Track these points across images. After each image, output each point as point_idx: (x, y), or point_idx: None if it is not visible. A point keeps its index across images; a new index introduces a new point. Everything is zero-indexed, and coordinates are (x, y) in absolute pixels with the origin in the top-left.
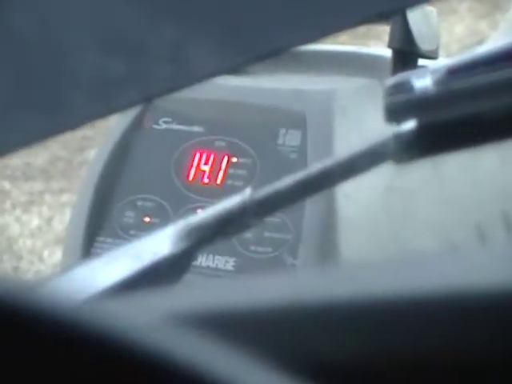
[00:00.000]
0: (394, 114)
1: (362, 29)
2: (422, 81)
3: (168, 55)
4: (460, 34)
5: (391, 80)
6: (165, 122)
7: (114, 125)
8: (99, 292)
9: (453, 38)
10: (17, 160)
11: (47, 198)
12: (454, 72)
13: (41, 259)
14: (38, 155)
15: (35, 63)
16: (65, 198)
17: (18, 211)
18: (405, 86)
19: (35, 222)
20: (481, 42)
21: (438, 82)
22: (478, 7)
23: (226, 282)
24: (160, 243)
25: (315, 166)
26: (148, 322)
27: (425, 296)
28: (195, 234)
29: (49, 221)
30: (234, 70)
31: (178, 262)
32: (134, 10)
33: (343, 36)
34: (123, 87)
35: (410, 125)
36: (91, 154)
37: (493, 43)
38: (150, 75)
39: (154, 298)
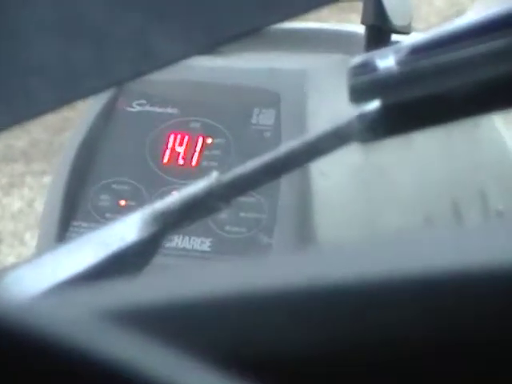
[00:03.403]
0: (358, 94)
1: (344, 3)
2: (385, 61)
3: (132, 42)
4: (440, 5)
5: (354, 61)
6: (138, 105)
7: (87, 108)
8: (64, 281)
9: (433, 9)
10: None
11: (28, 180)
12: (416, 51)
13: (22, 242)
14: (18, 138)
15: None
16: (46, 180)
17: None
18: (368, 67)
19: (17, 204)
20: (460, 14)
21: (401, 62)
22: None
23: (181, 270)
24: (127, 229)
25: (279, 149)
26: (78, 319)
27: (394, 280)
28: (162, 219)
29: (30, 203)
30: (202, 53)
31: (145, 248)
32: None
33: (325, 11)
34: (88, 74)
35: (374, 105)
36: None
37: (471, 14)
38: (114, 62)
39: (100, 291)
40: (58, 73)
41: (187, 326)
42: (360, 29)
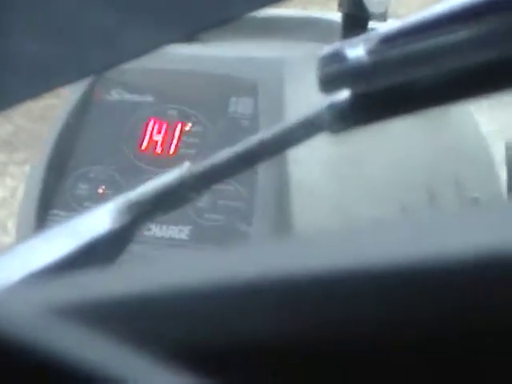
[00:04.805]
0: (328, 84)
1: None
2: (355, 50)
3: (105, 34)
4: None
5: (324, 50)
6: (116, 93)
7: (66, 97)
8: (36, 271)
9: None
10: None
11: (11, 168)
12: (386, 40)
13: (5, 230)
14: (0, 126)
15: None
16: (29, 168)
17: None
18: (338, 57)
19: None
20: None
21: (371, 51)
22: None
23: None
24: (100, 219)
25: (251, 139)
26: (32, 313)
27: (367, 269)
28: (135, 209)
29: (13, 192)
30: (179, 41)
31: (118, 238)
32: None
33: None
34: (60, 69)
35: (344, 94)
36: None
37: (449, 1)
38: (86, 56)
39: (64, 283)
40: (31, 69)
41: (157, 317)
42: (338, 17)
